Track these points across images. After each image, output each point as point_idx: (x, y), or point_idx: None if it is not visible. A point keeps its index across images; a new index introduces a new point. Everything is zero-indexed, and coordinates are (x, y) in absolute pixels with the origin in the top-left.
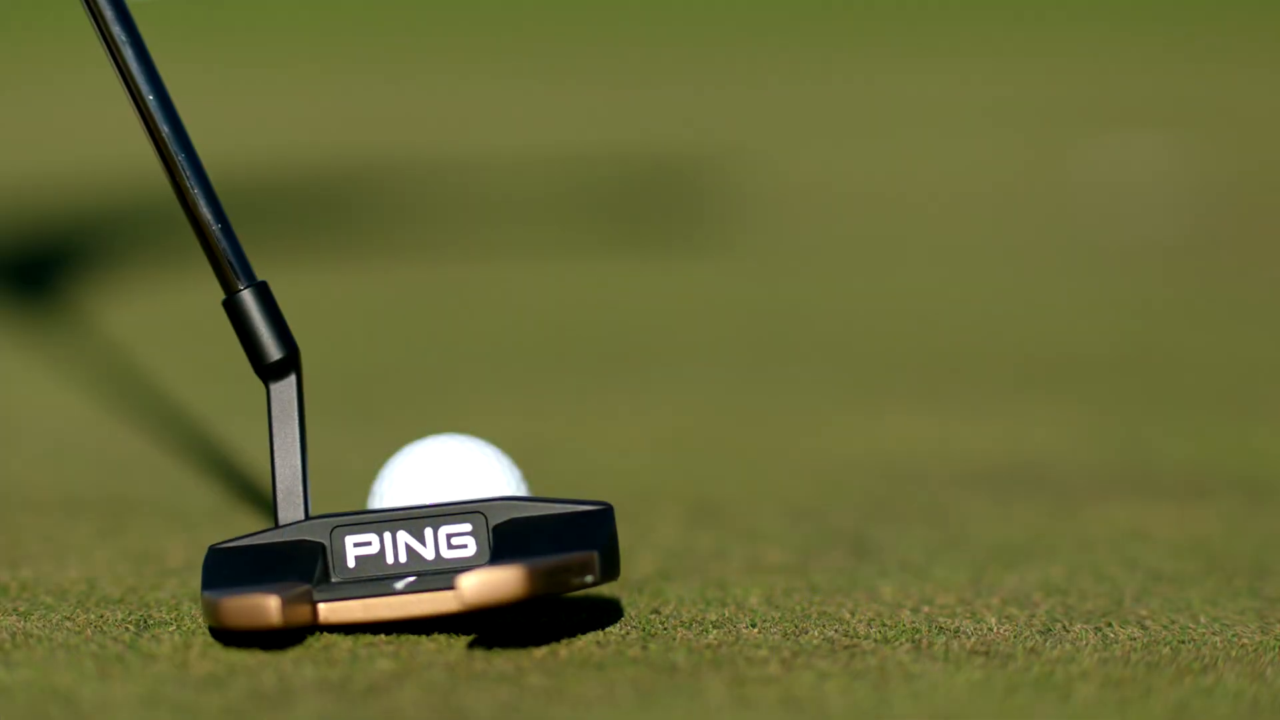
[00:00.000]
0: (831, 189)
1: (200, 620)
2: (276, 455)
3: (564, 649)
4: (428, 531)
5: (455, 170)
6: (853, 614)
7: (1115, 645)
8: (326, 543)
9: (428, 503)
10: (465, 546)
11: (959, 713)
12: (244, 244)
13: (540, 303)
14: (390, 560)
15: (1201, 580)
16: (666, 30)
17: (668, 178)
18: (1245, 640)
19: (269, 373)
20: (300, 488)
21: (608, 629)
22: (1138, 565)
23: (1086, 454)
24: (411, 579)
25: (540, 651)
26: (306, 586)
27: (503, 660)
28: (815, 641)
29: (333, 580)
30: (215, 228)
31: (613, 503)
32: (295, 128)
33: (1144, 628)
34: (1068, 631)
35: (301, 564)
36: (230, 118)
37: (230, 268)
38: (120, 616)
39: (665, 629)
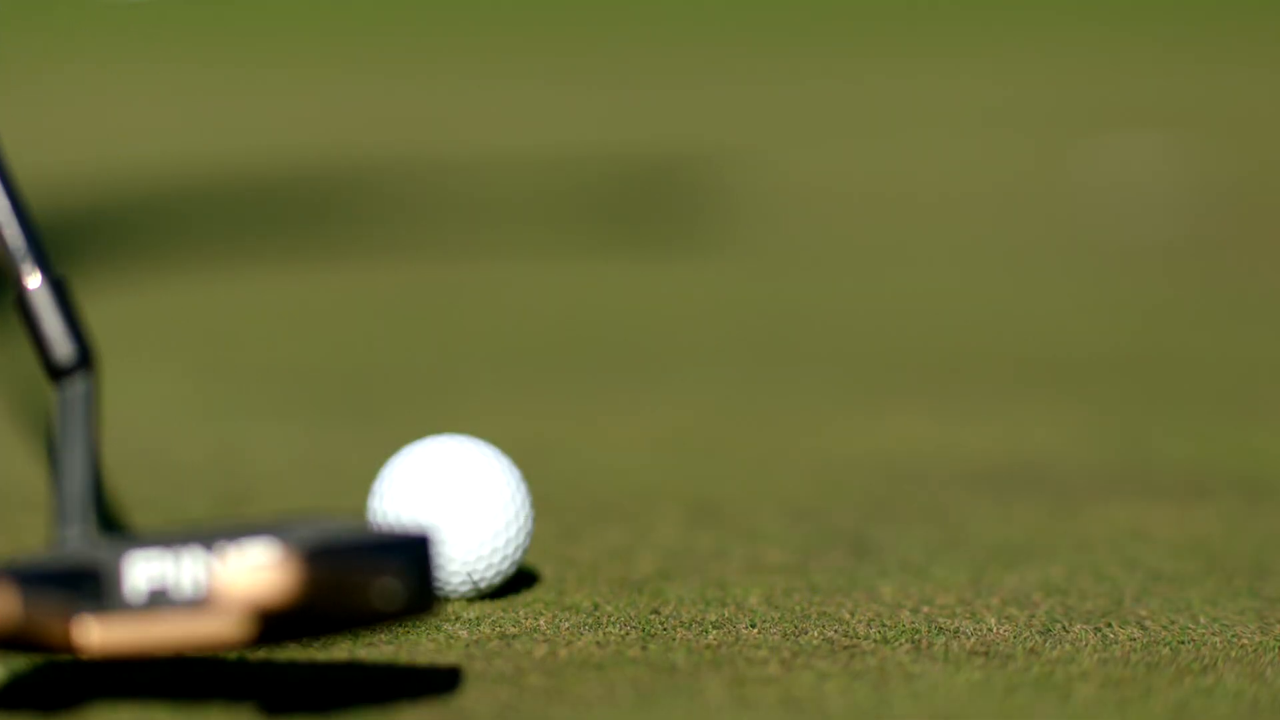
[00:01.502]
0: (831, 189)
1: None
2: (63, 464)
3: (564, 649)
4: (220, 550)
5: (455, 170)
6: (853, 614)
7: (1115, 645)
8: (110, 563)
9: (233, 519)
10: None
11: (959, 713)
12: (243, 243)
13: (540, 303)
14: (180, 583)
15: (1201, 580)
16: (666, 31)
17: (668, 178)
18: (1245, 640)
19: (59, 371)
20: (83, 502)
21: (608, 629)
22: (1138, 565)
23: (1086, 454)
24: (190, 594)
25: (540, 651)
26: (68, 602)
27: (503, 660)
28: (815, 642)
29: (108, 604)
30: (8, 217)
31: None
32: (295, 128)
33: (1144, 628)
34: (1067, 631)
35: (75, 586)
36: (230, 118)
37: (22, 257)
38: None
39: (665, 629)
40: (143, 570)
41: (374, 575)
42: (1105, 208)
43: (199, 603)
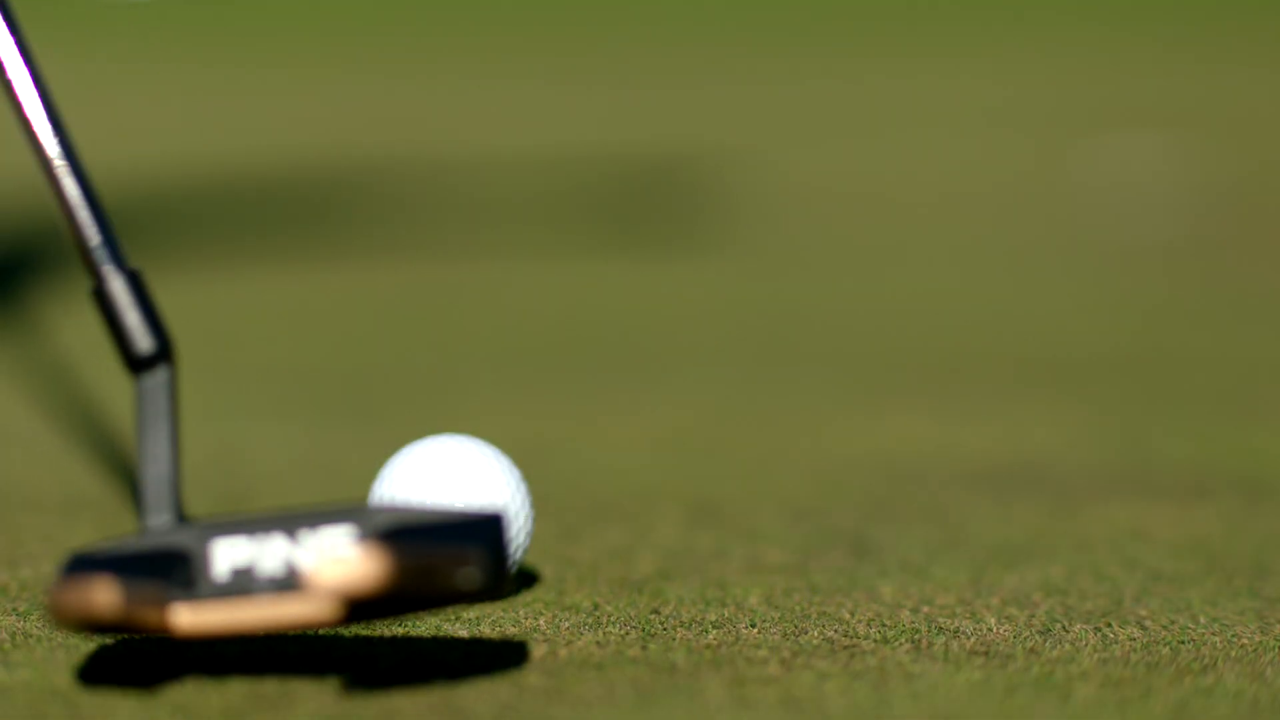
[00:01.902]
0: (831, 189)
1: None
2: (146, 454)
3: (564, 649)
4: (304, 533)
5: (455, 170)
6: (853, 614)
7: (1115, 645)
8: (197, 549)
9: (307, 505)
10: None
11: (959, 713)
12: (243, 243)
13: (540, 303)
14: (264, 566)
15: (1201, 580)
16: (666, 31)
17: (668, 178)
18: (1245, 640)
19: (139, 365)
20: (169, 489)
21: (608, 629)
22: (1137, 565)
23: (1086, 454)
24: (276, 577)
25: (540, 651)
26: (162, 589)
27: (503, 660)
28: (815, 641)
29: (199, 589)
30: (84, 209)
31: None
32: (295, 128)
33: (1144, 628)
34: (1067, 631)
35: (166, 572)
36: (230, 118)
37: (98, 253)
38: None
39: (665, 629)
40: (229, 554)
41: (455, 557)
42: (1105, 208)
43: (285, 585)
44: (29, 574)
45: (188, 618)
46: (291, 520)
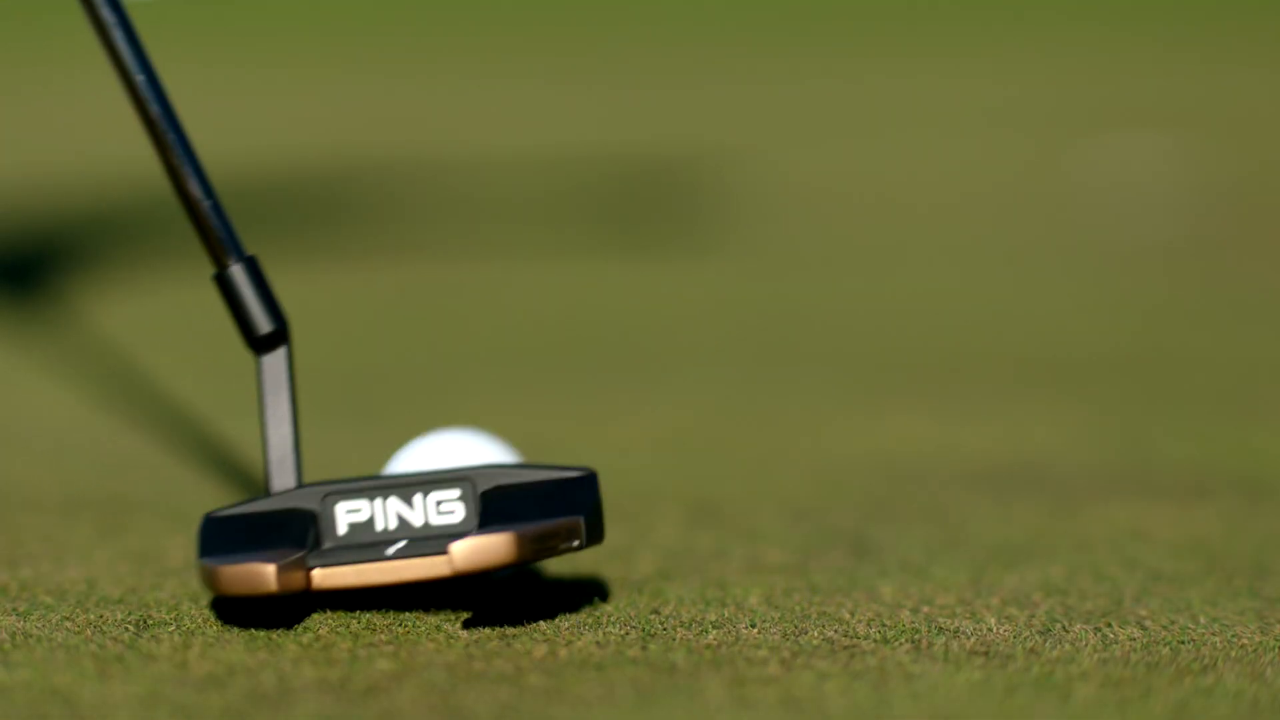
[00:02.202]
0: (831, 189)
1: (200, 620)
2: (269, 425)
3: (564, 649)
4: (417, 498)
5: (455, 170)
6: (852, 614)
7: (1115, 645)
8: (318, 510)
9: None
10: (453, 512)
11: (959, 713)
12: (245, 242)
13: (540, 303)
14: (380, 526)
15: (1201, 580)
16: (666, 31)
17: (667, 178)
18: (1245, 640)
19: (259, 345)
20: (292, 456)
21: (608, 629)
22: (1137, 565)
23: (1086, 454)
24: (402, 544)
25: (540, 651)
26: (300, 553)
27: (503, 660)
28: (815, 642)
29: (324, 547)
30: (205, 204)
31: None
32: (295, 128)
33: (1144, 628)
34: (1067, 632)
35: (294, 531)
36: (230, 118)
37: (220, 243)
38: (120, 616)
39: (665, 629)
40: (350, 516)
41: (567, 529)
42: (1105, 208)
43: (406, 543)
44: (29, 574)
45: (319, 577)
46: (407, 484)
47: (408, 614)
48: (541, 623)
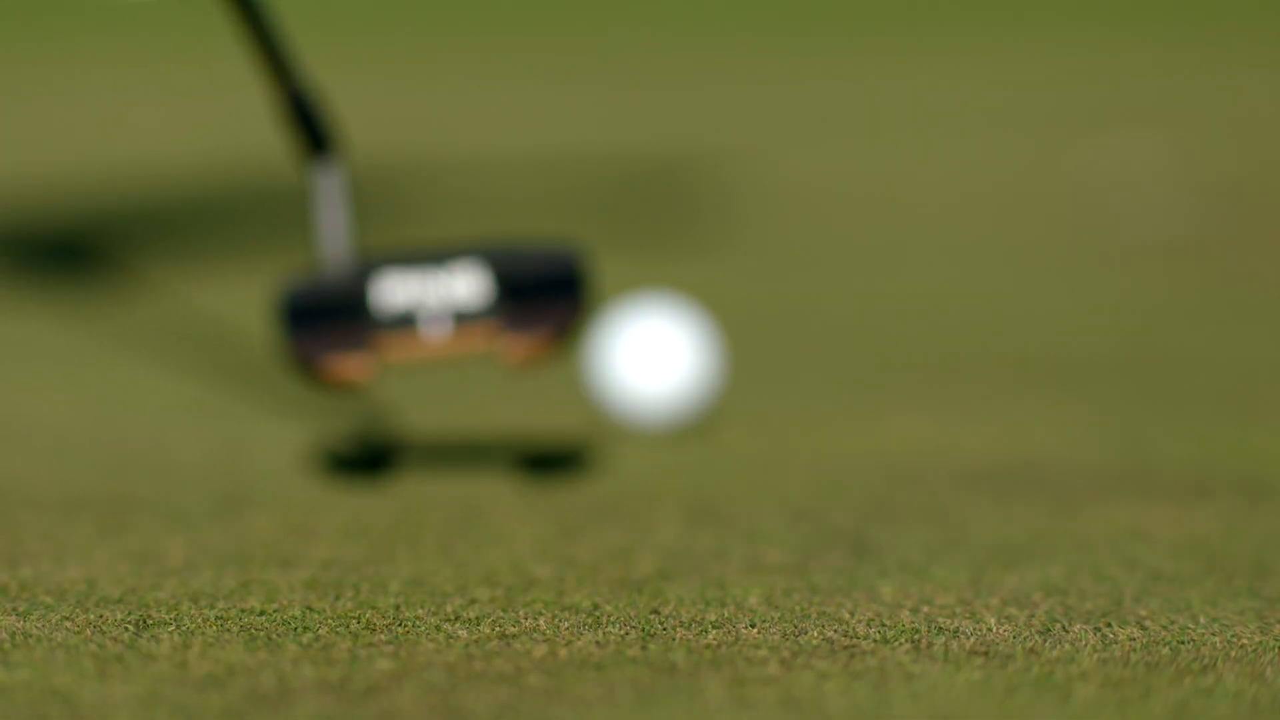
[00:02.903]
0: (832, 189)
1: (200, 620)
2: (324, 215)
3: (564, 649)
4: (450, 276)
5: (455, 171)
6: (852, 614)
7: (1115, 645)
8: (371, 283)
9: (445, 252)
10: (481, 290)
11: (959, 713)
12: (244, 243)
13: None
14: (422, 298)
15: (1201, 580)
16: (667, 31)
17: (667, 178)
18: (1245, 640)
19: (317, 156)
20: (344, 241)
21: (608, 629)
22: (1137, 565)
23: (1086, 454)
24: (444, 319)
25: (540, 651)
26: (365, 330)
27: (503, 660)
28: (815, 642)
29: (376, 315)
30: (274, 38)
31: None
32: None
33: (1144, 628)
34: (1067, 632)
35: (355, 302)
36: (231, 118)
37: (287, 66)
38: (120, 616)
39: (665, 629)
40: (401, 290)
41: (573, 316)
42: (1105, 208)
43: (449, 321)
44: (29, 574)
45: (383, 348)
46: (441, 263)
47: (408, 614)
48: (541, 622)
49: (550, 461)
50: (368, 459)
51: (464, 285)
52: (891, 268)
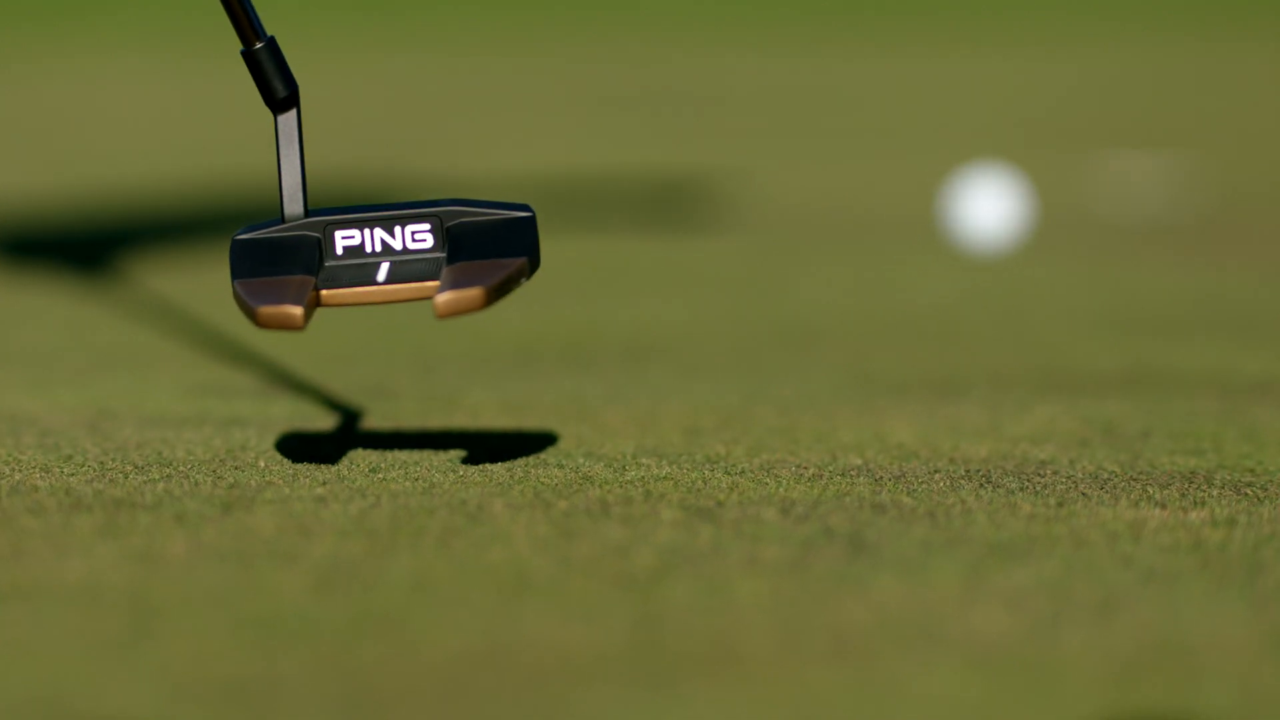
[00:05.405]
0: (831, 190)
1: (200, 620)
2: (283, 167)
3: (563, 649)
4: (397, 228)
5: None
6: (852, 614)
7: (1114, 645)
8: (320, 235)
9: (394, 204)
10: (425, 241)
11: (958, 713)
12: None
13: (541, 302)
14: (368, 250)
15: (1199, 579)
16: (668, 31)
17: (667, 179)
18: (1240, 639)
19: (278, 106)
20: (301, 193)
21: (607, 629)
22: (1133, 564)
23: (1086, 454)
24: (388, 265)
25: (540, 651)
26: (312, 279)
27: (502, 660)
28: (813, 640)
29: (326, 264)
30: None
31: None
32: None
33: (1139, 626)
34: (1063, 630)
35: (305, 252)
36: (231, 118)
37: (250, 27)
38: (120, 616)
39: (665, 629)
40: (347, 242)
41: (519, 272)
42: (1105, 214)
43: (391, 265)
44: (29, 573)
45: (326, 297)
46: (390, 218)
47: (408, 613)
48: (541, 622)
49: (550, 461)
50: (367, 458)
51: (409, 237)
52: (892, 268)
